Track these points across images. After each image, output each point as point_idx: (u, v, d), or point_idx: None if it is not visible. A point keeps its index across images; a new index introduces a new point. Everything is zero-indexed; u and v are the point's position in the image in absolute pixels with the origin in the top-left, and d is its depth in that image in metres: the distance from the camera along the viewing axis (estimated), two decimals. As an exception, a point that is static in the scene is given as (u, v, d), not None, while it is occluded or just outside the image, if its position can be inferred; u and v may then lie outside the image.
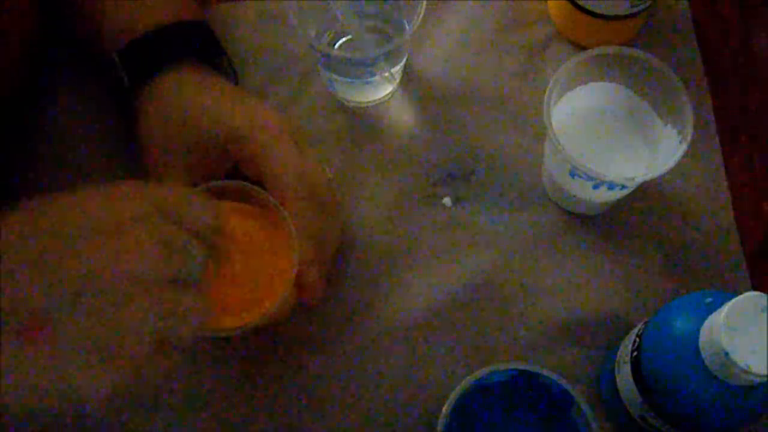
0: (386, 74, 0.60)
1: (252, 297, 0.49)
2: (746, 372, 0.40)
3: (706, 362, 0.42)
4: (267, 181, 0.51)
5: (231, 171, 0.53)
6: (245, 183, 0.50)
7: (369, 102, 0.63)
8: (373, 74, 0.59)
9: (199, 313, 0.40)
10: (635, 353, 0.48)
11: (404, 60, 0.61)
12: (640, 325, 0.50)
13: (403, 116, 0.63)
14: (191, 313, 0.40)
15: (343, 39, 0.62)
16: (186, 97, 0.53)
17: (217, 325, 0.48)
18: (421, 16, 0.55)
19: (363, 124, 0.63)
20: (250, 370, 0.56)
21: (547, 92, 0.53)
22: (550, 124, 0.53)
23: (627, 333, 0.53)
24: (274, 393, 0.56)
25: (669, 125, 0.55)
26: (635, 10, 0.60)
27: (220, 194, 0.50)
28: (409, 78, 0.64)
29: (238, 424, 0.55)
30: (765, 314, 0.41)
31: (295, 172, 0.51)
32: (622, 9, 0.59)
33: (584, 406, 0.48)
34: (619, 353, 0.52)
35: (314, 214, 0.51)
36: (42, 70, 0.62)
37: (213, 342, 0.57)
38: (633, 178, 0.53)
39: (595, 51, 0.54)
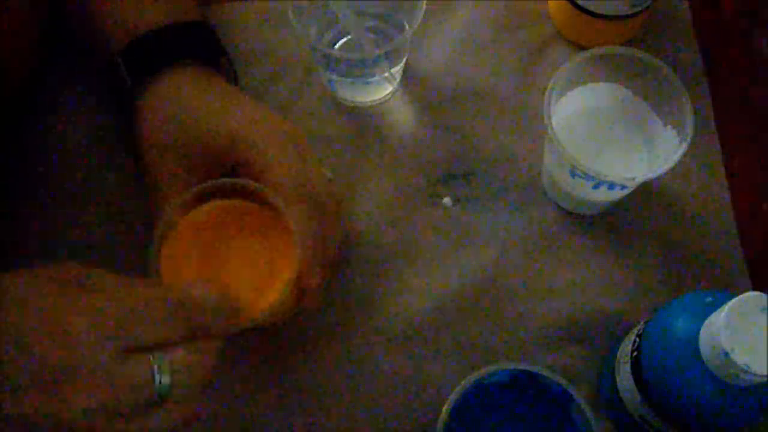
0: (386, 74, 0.60)
1: (250, 296, 0.49)
2: (746, 372, 0.40)
3: (706, 362, 0.42)
4: (266, 185, 0.51)
5: (230, 173, 0.53)
6: (249, 181, 0.50)
7: (369, 102, 0.63)
8: (373, 74, 0.59)
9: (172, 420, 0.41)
10: (635, 353, 0.48)
11: (404, 60, 0.61)
12: (640, 325, 0.50)
13: (403, 116, 0.63)
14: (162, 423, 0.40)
15: (343, 39, 0.62)
16: (186, 99, 0.53)
17: None
18: (421, 16, 0.55)
19: (363, 124, 0.63)
20: (249, 370, 0.56)
21: (547, 92, 0.53)
22: (550, 124, 0.53)
23: (627, 333, 0.53)
24: (274, 393, 0.56)
25: (669, 125, 0.55)
26: (635, 10, 0.60)
27: (224, 192, 0.50)
28: (409, 78, 0.64)
29: (235, 424, 0.55)
30: (765, 314, 0.41)
31: (294, 176, 0.51)
32: (622, 9, 0.59)
33: (584, 406, 0.48)
34: (619, 353, 0.52)
35: (314, 218, 0.51)
36: (43, 70, 0.62)
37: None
38: (633, 178, 0.53)
39: (595, 51, 0.54)
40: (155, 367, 0.39)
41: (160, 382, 0.39)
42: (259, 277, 0.49)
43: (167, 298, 0.41)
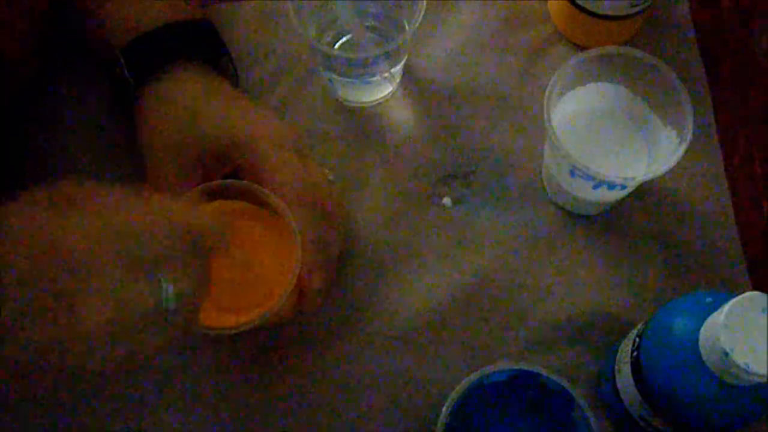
0: (386, 74, 0.60)
1: (252, 297, 0.49)
2: (746, 372, 0.40)
3: (706, 362, 0.42)
4: (267, 188, 0.51)
5: (230, 175, 0.53)
6: (252, 183, 0.50)
7: (369, 102, 0.63)
8: (373, 74, 0.59)
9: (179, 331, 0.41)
10: (635, 353, 0.48)
11: (404, 60, 0.61)
12: (640, 325, 0.50)
13: (403, 116, 0.63)
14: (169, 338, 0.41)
15: (343, 39, 0.62)
16: (187, 100, 0.53)
17: (216, 324, 0.48)
18: (421, 16, 0.55)
19: (363, 124, 0.63)
20: (249, 370, 0.56)
21: (547, 92, 0.53)
22: (550, 124, 0.53)
23: (627, 333, 0.53)
24: (274, 393, 0.56)
25: (669, 125, 0.55)
26: (635, 10, 0.60)
27: (225, 193, 0.50)
28: (409, 78, 0.64)
29: (236, 424, 0.55)
30: (765, 314, 0.41)
31: (295, 178, 0.51)
32: (622, 9, 0.59)
33: (584, 406, 0.48)
34: (619, 353, 0.52)
35: (315, 221, 0.51)
36: (43, 70, 0.62)
37: (211, 341, 0.57)
38: (633, 178, 0.53)
39: (595, 51, 0.54)
40: (161, 282, 0.39)
41: (166, 297, 0.39)
42: (260, 279, 0.49)
43: (167, 215, 0.41)
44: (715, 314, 0.42)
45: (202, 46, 0.56)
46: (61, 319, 0.37)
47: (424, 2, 0.56)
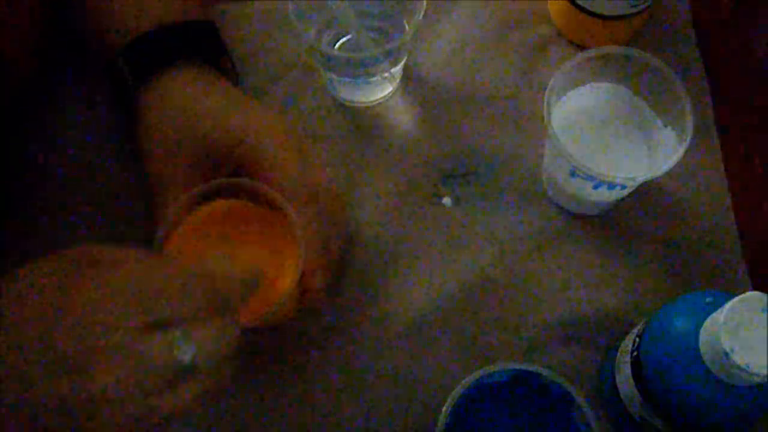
0: (386, 74, 0.60)
1: (253, 297, 0.49)
2: (746, 372, 0.40)
3: (706, 362, 0.42)
4: (268, 186, 0.51)
5: (232, 174, 0.53)
6: (252, 181, 0.50)
7: (369, 102, 0.63)
8: (373, 74, 0.59)
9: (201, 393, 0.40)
10: (635, 353, 0.48)
11: (404, 60, 0.61)
12: (640, 325, 0.50)
13: (403, 116, 0.63)
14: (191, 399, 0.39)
15: (343, 39, 0.62)
16: (188, 99, 0.53)
17: None
18: (421, 16, 0.56)
19: (363, 124, 0.63)
20: (249, 370, 0.56)
21: (547, 92, 0.53)
22: (550, 124, 0.53)
23: (627, 333, 0.53)
24: (274, 392, 0.56)
25: (669, 125, 0.55)
26: (635, 10, 0.60)
27: (227, 192, 0.50)
28: (409, 78, 0.64)
29: (236, 424, 0.55)
30: (765, 314, 0.41)
31: (296, 177, 0.51)
32: (622, 9, 0.59)
33: (584, 406, 0.48)
34: (619, 353, 0.52)
35: (317, 219, 0.51)
36: (43, 70, 0.62)
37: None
38: (633, 178, 0.53)
39: (595, 51, 0.54)
40: (176, 341, 0.38)
41: (182, 356, 0.38)
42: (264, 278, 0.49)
43: (188, 271, 0.40)
44: (715, 314, 0.42)
45: (202, 46, 0.56)
46: (72, 381, 0.35)
47: (424, 2, 0.56)
